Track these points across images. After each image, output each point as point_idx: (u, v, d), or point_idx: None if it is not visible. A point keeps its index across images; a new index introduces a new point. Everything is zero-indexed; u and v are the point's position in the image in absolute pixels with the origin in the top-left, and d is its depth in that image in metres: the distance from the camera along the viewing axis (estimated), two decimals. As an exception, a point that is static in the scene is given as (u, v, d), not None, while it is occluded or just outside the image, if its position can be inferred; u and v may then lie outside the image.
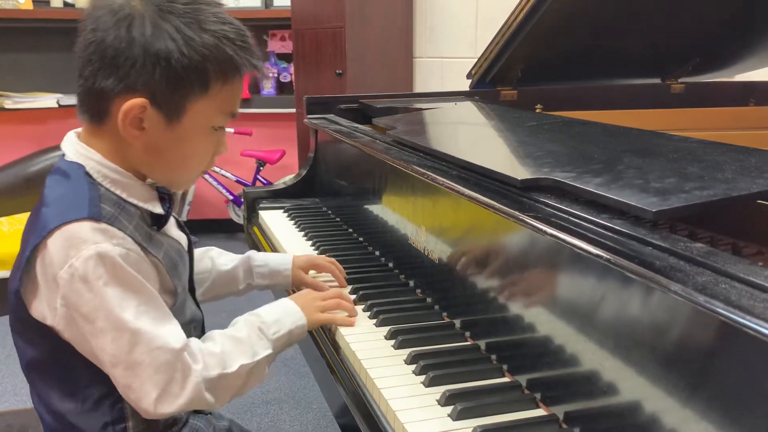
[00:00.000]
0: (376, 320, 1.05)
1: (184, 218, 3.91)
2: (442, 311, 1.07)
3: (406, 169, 1.16)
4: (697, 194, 0.73)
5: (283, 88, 4.10)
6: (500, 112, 1.51)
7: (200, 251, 1.18)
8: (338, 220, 1.61)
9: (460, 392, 0.83)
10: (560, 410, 0.78)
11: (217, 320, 0.94)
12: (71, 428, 0.90)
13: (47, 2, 3.78)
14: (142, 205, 0.90)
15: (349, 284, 1.20)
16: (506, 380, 0.87)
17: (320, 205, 1.75)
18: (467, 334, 0.99)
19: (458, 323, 1.02)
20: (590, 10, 1.62)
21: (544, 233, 0.78)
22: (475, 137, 1.33)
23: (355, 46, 3.18)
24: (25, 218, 0.92)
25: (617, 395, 0.68)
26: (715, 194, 0.73)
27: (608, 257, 0.68)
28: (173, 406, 0.85)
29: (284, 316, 0.99)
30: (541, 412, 0.80)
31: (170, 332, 0.86)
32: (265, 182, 3.98)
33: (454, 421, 0.78)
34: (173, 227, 1.00)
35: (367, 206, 1.43)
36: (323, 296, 1.07)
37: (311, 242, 1.45)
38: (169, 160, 0.91)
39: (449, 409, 0.80)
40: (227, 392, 0.90)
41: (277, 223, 1.63)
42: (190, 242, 1.04)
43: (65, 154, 0.91)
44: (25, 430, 1.16)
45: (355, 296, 1.15)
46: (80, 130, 0.93)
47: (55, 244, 0.82)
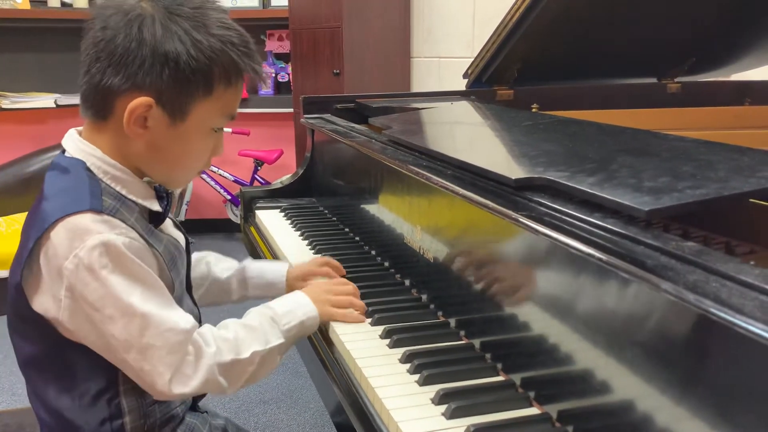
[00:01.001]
0: (371, 319, 1.05)
1: (181, 218, 3.92)
2: (437, 310, 1.07)
3: (401, 168, 1.16)
4: (689, 193, 0.73)
5: (280, 87, 4.11)
6: (496, 111, 1.52)
7: (197, 256, 1.18)
8: (334, 219, 1.61)
9: (454, 391, 0.83)
10: (554, 409, 0.78)
11: (217, 317, 0.94)
12: (68, 425, 0.91)
13: (44, 2, 3.78)
14: (140, 201, 0.92)
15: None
16: (500, 379, 0.88)
17: (317, 204, 1.75)
18: (462, 333, 0.99)
19: (453, 322, 1.02)
20: (586, 9, 1.62)
21: (537, 232, 0.78)
22: (470, 137, 1.33)
23: (352, 45, 3.18)
24: (23, 218, 0.93)
25: (610, 394, 0.68)
26: (707, 193, 0.73)
27: (601, 256, 0.68)
28: (187, 386, 0.86)
29: (296, 307, 1.01)
30: (534, 410, 0.80)
31: (179, 316, 0.88)
32: (263, 182, 3.98)
33: (447, 419, 0.79)
34: (171, 227, 1.01)
35: (363, 206, 1.43)
36: (335, 291, 1.08)
37: (307, 242, 1.46)
38: (168, 158, 0.92)
39: (443, 407, 0.80)
40: (240, 378, 0.92)
41: (273, 222, 1.63)
42: (187, 242, 1.04)
43: (65, 150, 0.93)
44: (22, 429, 1.16)
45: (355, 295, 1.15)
46: (81, 128, 0.94)
47: (58, 235, 0.83)
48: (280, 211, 1.71)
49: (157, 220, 0.95)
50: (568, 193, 0.84)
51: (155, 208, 0.94)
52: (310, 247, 1.43)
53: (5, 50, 3.83)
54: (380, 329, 1.01)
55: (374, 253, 1.36)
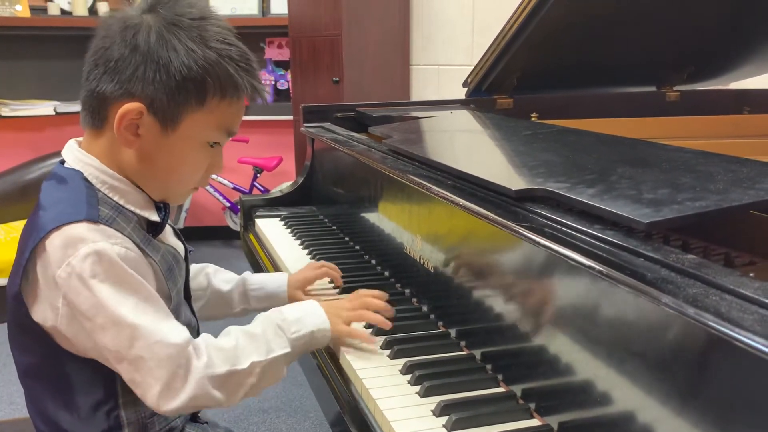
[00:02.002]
0: (371, 329, 1.05)
1: (180, 225, 3.91)
2: (437, 320, 1.07)
3: (401, 178, 1.17)
4: (689, 205, 0.74)
5: (280, 95, 4.11)
6: (496, 120, 1.52)
7: (196, 268, 1.18)
8: (334, 228, 1.61)
9: (454, 402, 0.83)
10: (554, 420, 0.78)
11: (216, 325, 0.94)
12: None
13: (44, 10, 3.78)
14: (138, 212, 0.92)
15: (345, 293, 1.20)
16: (501, 390, 0.88)
17: (317, 213, 1.75)
18: (463, 343, 0.99)
19: (454, 333, 1.02)
20: (586, 18, 1.62)
21: (537, 244, 0.78)
22: (470, 146, 1.34)
23: (352, 53, 3.19)
24: (22, 226, 0.93)
25: (610, 406, 0.68)
26: (707, 205, 0.73)
27: (600, 268, 0.68)
28: (176, 401, 0.85)
29: (307, 316, 0.97)
30: (535, 422, 0.80)
31: (171, 328, 0.86)
32: (262, 189, 3.98)
33: (449, 431, 0.79)
34: (170, 235, 1.01)
35: (363, 215, 1.43)
36: (350, 306, 1.03)
37: (307, 251, 1.46)
38: (160, 168, 0.92)
39: (444, 419, 0.80)
40: (239, 390, 0.90)
41: (273, 231, 1.63)
42: (186, 251, 1.04)
43: (64, 160, 0.93)
44: (21, 439, 1.16)
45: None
46: (81, 138, 0.95)
47: (53, 244, 0.83)
48: (279, 219, 1.71)
49: (155, 229, 0.95)
50: (568, 204, 0.84)
51: (154, 218, 0.94)
52: (310, 256, 1.43)
53: (5, 58, 3.83)
54: (381, 340, 1.01)
55: (374, 262, 1.36)
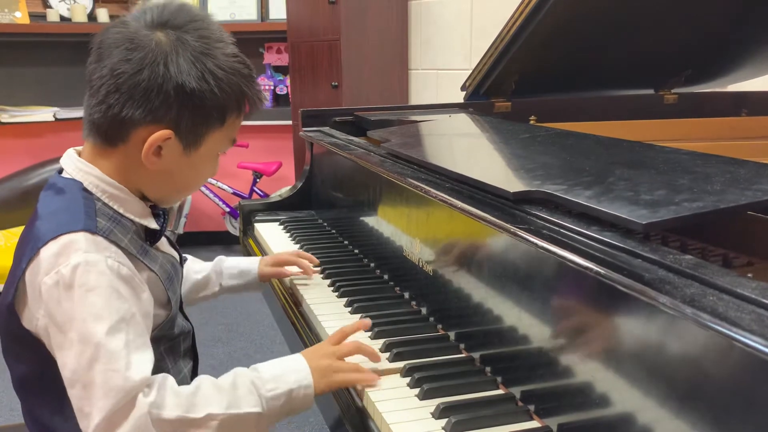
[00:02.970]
0: (371, 333, 1.05)
1: (180, 231, 3.91)
2: (436, 323, 1.07)
3: (400, 181, 1.17)
4: (686, 206, 0.74)
5: (279, 100, 4.12)
6: (494, 124, 1.52)
7: None
8: (333, 232, 1.61)
9: (454, 405, 0.83)
10: (554, 422, 0.78)
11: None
12: None
13: (44, 17, 3.79)
14: (137, 220, 0.92)
15: (344, 297, 1.21)
16: (500, 392, 0.88)
17: (316, 217, 1.75)
18: (462, 346, 0.99)
19: (453, 335, 1.02)
20: (584, 22, 1.63)
21: (536, 246, 0.79)
22: (468, 150, 1.34)
23: (350, 58, 3.19)
24: (21, 232, 0.93)
25: (609, 407, 0.68)
26: (704, 206, 0.73)
27: (598, 270, 0.68)
28: None
29: (287, 373, 0.89)
30: (535, 424, 0.80)
31: (137, 361, 0.81)
32: (261, 194, 3.98)
33: (448, 433, 0.79)
34: (166, 245, 1.02)
35: (362, 218, 1.43)
36: (339, 353, 0.94)
37: (307, 255, 1.46)
38: (177, 182, 0.95)
39: (443, 421, 0.80)
40: None
41: (272, 235, 1.63)
42: (181, 259, 1.05)
43: (63, 170, 0.93)
44: (20, 445, 1.16)
45: (350, 308, 1.16)
46: (80, 148, 0.94)
47: (47, 252, 0.83)
48: (279, 224, 1.71)
49: (153, 237, 0.95)
50: (566, 206, 0.85)
51: (153, 225, 0.94)
52: (309, 260, 1.43)
53: (4, 64, 3.84)
54: (380, 342, 1.01)
55: (373, 265, 1.36)
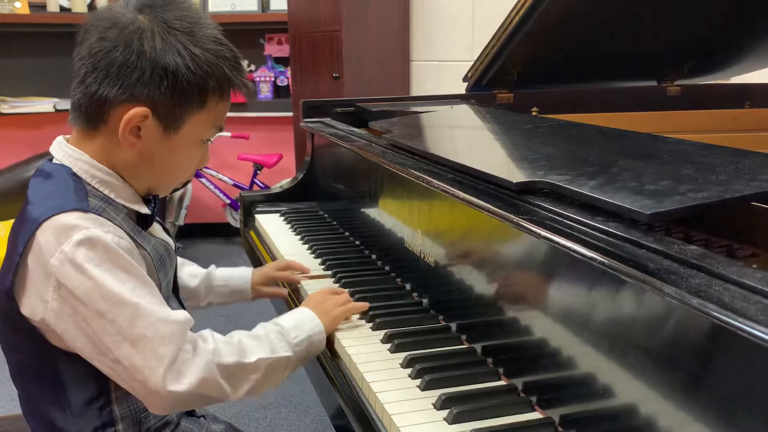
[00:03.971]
0: (372, 324, 1.05)
1: (181, 222, 3.91)
2: (438, 314, 1.07)
3: (402, 172, 1.16)
4: (691, 197, 0.73)
5: (280, 91, 4.10)
6: (496, 115, 1.52)
7: None
8: (335, 223, 1.61)
9: (455, 396, 0.83)
10: (556, 413, 0.78)
11: (215, 324, 0.93)
12: None
13: (43, 7, 3.77)
14: (128, 205, 0.92)
15: (345, 288, 1.20)
16: (502, 383, 0.87)
17: (317, 208, 1.75)
18: (463, 337, 0.99)
19: (454, 326, 1.02)
20: (586, 13, 1.62)
21: (539, 236, 0.78)
22: (470, 140, 1.33)
23: (351, 49, 3.18)
24: (20, 223, 0.92)
25: (612, 398, 0.68)
26: (709, 196, 0.73)
27: (603, 260, 0.68)
28: (182, 383, 0.82)
29: (302, 322, 0.99)
30: (537, 415, 0.80)
31: (173, 309, 0.85)
32: (262, 186, 3.97)
33: (450, 424, 0.78)
34: (160, 231, 1.02)
35: (363, 210, 1.43)
36: (333, 299, 1.07)
37: (307, 246, 1.45)
38: (157, 167, 0.94)
39: (445, 412, 0.80)
40: (243, 385, 0.89)
41: (273, 227, 1.62)
42: (175, 248, 1.05)
43: (53, 157, 0.93)
44: (20, 435, 1.16)
45: (351, 300, 1.15)
46: (69, 135, 0.94)
47: (44, 234, 0.83)
48: (280, 215, 1.71)
49: (144, 223, 0.95)
50: (569, 196, 0.84)
51: (144, 210, 0.95)
52: (310, 251, 1.43)
53: (4, 55, 3.82)
54: (381, 334, 1.01)
55: (375, 257, 1.36)
